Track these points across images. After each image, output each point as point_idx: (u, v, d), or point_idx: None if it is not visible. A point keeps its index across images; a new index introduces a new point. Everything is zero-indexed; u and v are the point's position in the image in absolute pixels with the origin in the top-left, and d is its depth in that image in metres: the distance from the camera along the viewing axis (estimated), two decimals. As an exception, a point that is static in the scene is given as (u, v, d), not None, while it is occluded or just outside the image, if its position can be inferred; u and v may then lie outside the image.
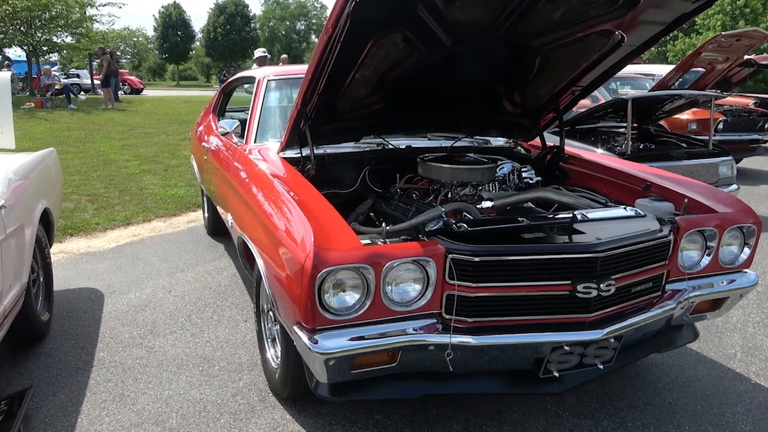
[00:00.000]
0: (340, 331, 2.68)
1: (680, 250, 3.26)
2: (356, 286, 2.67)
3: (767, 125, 11.17)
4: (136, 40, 71.19)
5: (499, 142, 4.95)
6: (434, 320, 2.82)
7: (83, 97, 26.87)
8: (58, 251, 6.29)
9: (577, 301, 2.85)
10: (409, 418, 3.42)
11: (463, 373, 2.99)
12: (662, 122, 9.92)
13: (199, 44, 76.79)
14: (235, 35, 69.30)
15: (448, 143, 4.64)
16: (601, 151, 7.19)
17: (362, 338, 2.68)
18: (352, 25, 2.90)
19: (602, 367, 3.05)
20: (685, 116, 10.34)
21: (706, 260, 3.38)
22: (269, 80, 5.00)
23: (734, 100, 12.90)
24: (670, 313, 3.20)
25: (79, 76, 36.35)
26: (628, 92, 11.68)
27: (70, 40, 28.34)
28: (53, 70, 27.30)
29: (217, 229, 6.70)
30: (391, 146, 4.39)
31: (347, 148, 4.28)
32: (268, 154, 4.20)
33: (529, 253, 2.80)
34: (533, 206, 3.81)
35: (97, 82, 29.12)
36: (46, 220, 4.50)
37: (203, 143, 6.00)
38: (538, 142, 4.63)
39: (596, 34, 3.56)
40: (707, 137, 7.88)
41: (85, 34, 27.77)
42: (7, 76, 4.68)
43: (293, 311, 2.76)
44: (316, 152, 3.86)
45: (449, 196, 3.86)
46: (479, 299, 2.78)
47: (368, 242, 2.85)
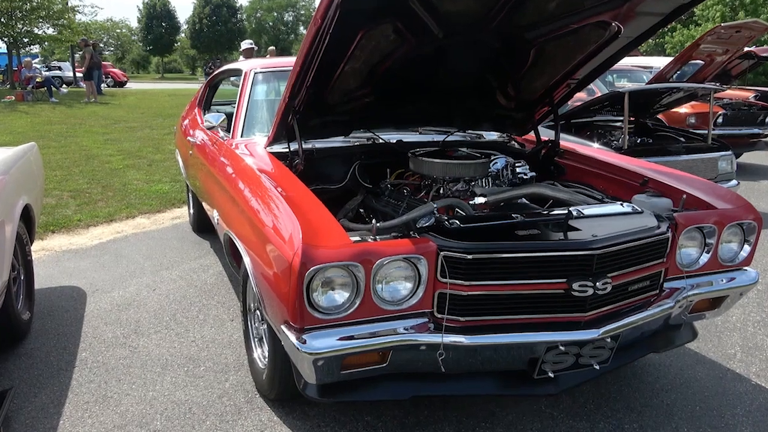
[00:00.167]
0: (329, 330, 2.67)
1: (678, 247, 3.26)
2: (346, 284, 2.66)
3: (767, 119, 11.19)
4: (119, 31, 71.10)
5: (492, 136, 4.95)
6: (426, 319, 2.81)
7: (65, 90, 26.72)
8: (39, 248, 6.27)
9: (572, 299, 2.85)
10: (399, 419, 3.42)
11: (455, 373, 2.99)
12: (660, 116, 9.94)
13: (184, 36, 76.45)
14: (221, 26, 69.05)
15: (440, 137, 4.63)
16: (597, 145, 7.20)
17: (352, 338, 2.68)
18: (341, 16, 2.89)
19: (598, 367, 3.06)
20: (683, 110, 10.34)
21: (705, 258, 3.38)
22: (256, 73, 4.98)
23: (734, 93, 12.91)
24: (668, 312, 3.20)
25: (60, 68, 36.23)
26: (624, 85, 11.73)
27: (51, 31, 28.27)
28: (34, 62, 27.11)
29: (202, 225, 6.70)
30: (381, 141, 4.38)
31: (336, 142, 4.27)
32: (255, 148, 4.18)
33: (523, 250, 2.80)
34: (527, 202, 3.81)
35: (79, 74, 29.02)
36: (27, 216, 4.48)
37: (188, 137, 5.97)
38: (532, 136, 4.63)
39: (592, 25, 3.56)
40: (706, 131, 7.89)
41: (67, 25, 27.70)
42: None
43: (281, 310, 2.75)
44: (304, 147, 3.85)
45: (441, 191, 3.86)
46: (472, 298, 2.77)
47: (358, 239, 2.84)
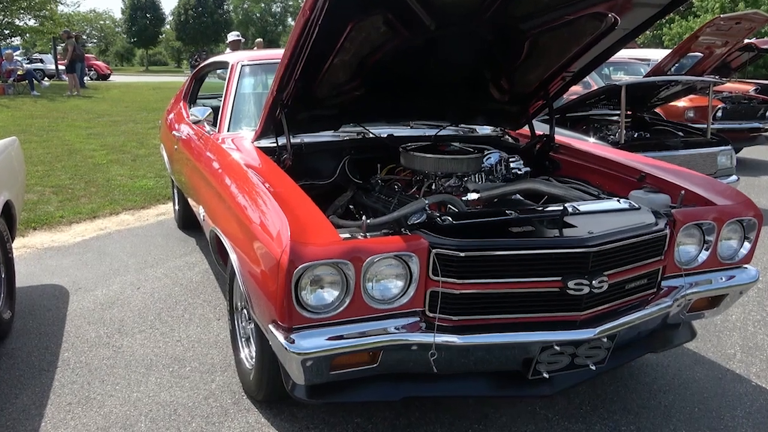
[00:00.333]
0: (318, 330, 2.67)
1: (677, 244, 3.27)
2: (335, 282, 2.66)
3: (767, 113, 11.22)
4: (102, 23, 70.97)
5: (485, 130, 4.96)
6: (417, 319, 2.81)
7: (47, 83, 26.67)
8: (20, 246, 6.25)
9: (567, 298, 2.85)
10: (390, 421, 3.42)
11: (447, 374, 2.98)
12: (658, 110, 9.97)
13: (169, 27, 76.42)
14: (207, 18, 68.99)
15: (432, 132, 4.64)
16: (593, 140, 7.21)
17: (341, 338, 2.67)
18: (330, 7, 2.87)
19: (594, 368, 3.06)
20: (681, 103, 10.38)
21: (704, 255, 3.38)
22: (243, 65, 4.97)
23: (733, 86, 12.97)
24: (666, 311, 3.20)
25: (42, 61, 36.13)
26: (621, 78, 11.73)
27: (33, 23, 28.19)
28: (15, 54, 26.98)
29: (188, 222, 6.69)
30: (371, 135, 4.38)
31: (326, 137, 4.27)
32: (242, 143, 4.17)
33: (517, 247, 2.80)
34: (522, 198, 3.81)
35: (61, 67, 28.92)
36: (7, 213, 4.47)
37: (174, 132, 5.96)
38: (526, 130, 4.62)
39: (588, 16, 3.56)
40: (705, 125, 7.92)
41: (49, 16, 27.61)
42: None
43: (268, 309, 2.75)
44: (292, 141, 3.84)
45: (433, 187, 3.86)
46: (465, 296, 2.77)
47: (347, 236, 2.83)
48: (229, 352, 4.08)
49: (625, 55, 12.56)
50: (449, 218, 2.94)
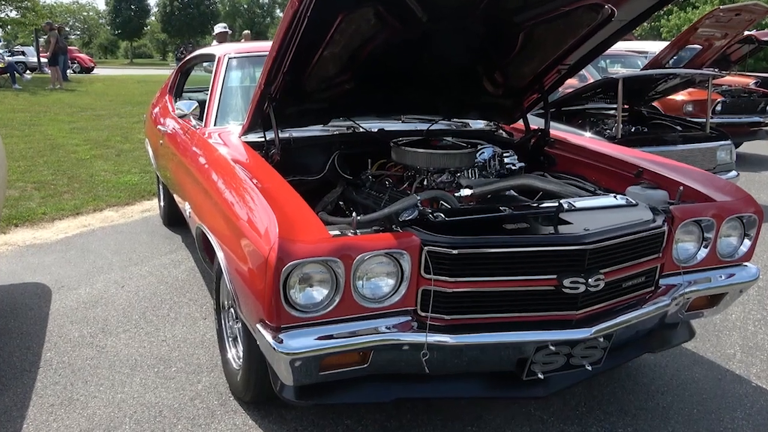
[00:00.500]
0: (306, 329, 2.66)
1: (675, 241, 3.26)
2: (324, 280, 2.65)
3: (768, 107, 11.26)
4: (86, 14, 70.77)
5: (479, 125, 4.95)
6: (409, 318, 2.80)
7: (29, 76, 26.67)
8: (1, 243, 6.25)
9: (563, 297, 2.84)
10: (381, 423, 3.42)
11: (440, 374, 2.98)
12: (655, 103, 9.97)
13: (154, 19, 76.29)
14: (193, 9, 68.88)
15: (424, 126, 4.63)
16: (589, 134, 7.21)
17: (331, 337, 2.66)
18: (319, -2, 2.87)
19: (590, 368, 3.06)
20: (680, 97, 10.40)
21: (703, 253, 3.38)
22: (230, 58, 4.97)
23: (733, 79, 12.99)
24: (664, 310, 3.20)
25: (24, 53, 36.03)
26: (618, 71, 11.74)
27: (14, 14, 28.11)
28: (-4, 46, 27.08)
29: (173, 219, 6.67)
30: (362, 129, 4.37)
31: (315, 131, 4.26)
32: (229, 138, 4.16)
33: (511, 245, 2.79)
34: (516, 194, 3.82)
35: (44, 60, 28.87)
36: (-13, 209, 4.45)
37: (159, 126, 5.95)
38: (521, 125, 4.62)
39: (584, 8, 3.55)
40: (704, 120, 7.94)
41: (31, 8, 27.52)
42: None
43: (256, 308, 2.74)
44: (281, 136, 3.83)
45: (425, 183, 3.85)
46: (457, 295, 2.77)
47: (337, 233, 2.83)
48: (215, 352, 4.07)
49: (622, 47, 12.62)
50: (441, 215, 2.93)
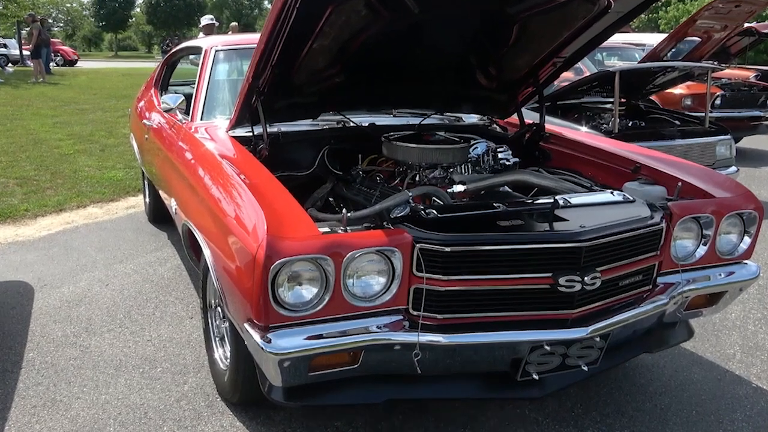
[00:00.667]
0: (295, 329, 2.66)
1: (673, 239, 3.26)
2: (314, 279, 2.64)
3: (768, 100, 11.27)
4: (69, 6, 70.40)
5: (472, 119, 4.95)
6: (400, 317, 2.80)
7: (11, 69, 26.61)
8: (-20, 241, 6.22)
9: (558, 295, 2.85)
10: (372, 425, 3.42)
11: (432, 375, 2.99)
12: (653, 97, 10.00)
13: (139, 11, 76.14)
14: (179, 1, 68.74)
15: (416, 121, 4.63)
16: (585, 129, 7.23)
17: (320, 337, 2.66)
18: (309, -12, 2.87)
19: (587, 368, 3.06)
20: (678, 91, 10.41)
21: (701, 250, 3.39)
22: (217, 51, 4.95)
23: (733, 72, 13.00)
24: (662, 308, 3.21)
25: (6, 46, 35.80)
26: (615, 64, 11.76)
27: (-4, 6, 27.97)
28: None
29: (159, 215, 6.65)
30: (352, 124, 4.36)
31: (304, 125, 4.25)
32: (216, 132, 4.15)
33: (505, 242, 2.79)
34: (510, 190, 3.81)
35: (26, 52, 28.85)
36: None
37: (144, 121, 5.93)
38: (515, 119, 4.62)
39: (580, -1, 3.56)
40: (703, 114, 7.95)
41: (13, -1, 27.41)
42: None
43: (244, 307, 2.74)
44: (269, 130, 3.82)
45: (417, 179, 3.86)
46: (450, 294, 2.77)
47: (327, 230, 2.82)
48: (202, 352, 4.07)
49: (619, 39, 12.63)
50: (434, 211, 2.93)
